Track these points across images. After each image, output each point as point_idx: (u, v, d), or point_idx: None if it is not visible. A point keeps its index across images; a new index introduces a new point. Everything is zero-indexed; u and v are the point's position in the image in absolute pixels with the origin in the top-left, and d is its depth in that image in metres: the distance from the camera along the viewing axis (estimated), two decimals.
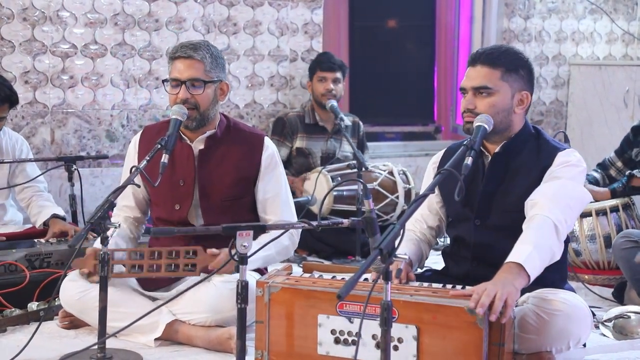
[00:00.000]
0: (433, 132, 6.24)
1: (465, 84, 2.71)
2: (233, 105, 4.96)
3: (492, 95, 2.67)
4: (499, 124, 2.68)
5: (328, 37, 5.52)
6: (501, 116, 2.68)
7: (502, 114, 2.68)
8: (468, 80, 2.71)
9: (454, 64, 6.18)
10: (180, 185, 3.03)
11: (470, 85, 2.69)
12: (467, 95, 2.70)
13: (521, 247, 2.44)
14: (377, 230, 2.51)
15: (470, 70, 2.72)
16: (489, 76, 2.67)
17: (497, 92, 2.67)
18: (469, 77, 2.71)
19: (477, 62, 2.70)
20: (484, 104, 2.67)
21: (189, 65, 2.95)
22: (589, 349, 2.84)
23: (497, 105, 2.67)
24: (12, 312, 3.07)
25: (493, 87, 2.66)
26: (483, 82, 2.67)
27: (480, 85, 2.67)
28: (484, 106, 2.67)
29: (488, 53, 2.71)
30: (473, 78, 2.69)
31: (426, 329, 2.34)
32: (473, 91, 2.69)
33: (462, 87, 2.73)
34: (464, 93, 2.72)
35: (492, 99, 2.67)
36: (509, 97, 2.69)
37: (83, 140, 4.56)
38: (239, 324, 2.30)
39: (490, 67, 2.68)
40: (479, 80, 2.68)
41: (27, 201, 3.75)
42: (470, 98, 2.69)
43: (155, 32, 4.68)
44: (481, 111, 2.66)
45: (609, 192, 3.89)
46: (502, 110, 2.68)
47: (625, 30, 6.15)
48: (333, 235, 4.28)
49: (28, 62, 4.38)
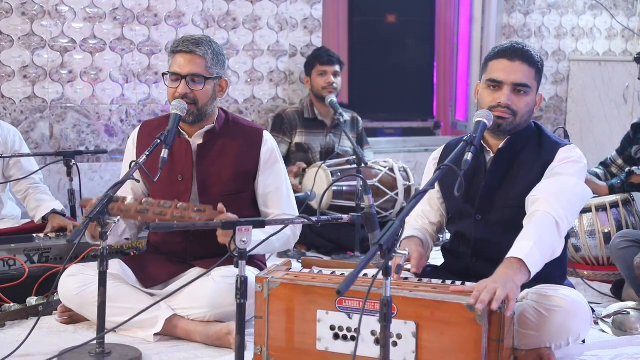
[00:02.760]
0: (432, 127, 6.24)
1: (504, 78, 2.63)
2: (232, 101, 4.95)
3: (528, 94, 2.66)
4: (524, 122, 2.69)
5: (327, 33, 5.52)
6: (528, 115, 2.69)
7: (529, 113, 2.69)
8: (506, 74, 2.63)
9: (453, 60, 6.17)
10: (179, 180, 3.02)
11: (511, 80, 2.62)
12: (503, 89, 2.63)
13: (522, 243, 2.44)
14: (377, 226, 2.51)
15: (507, 64, 2.64)
16: (528, 74, 2.64)
17: (532, 91, 2.67)
18: (508, 72, 2.63)
19: (516, 57, 2.64)
20: (522, 102, 2.64)
21: (190, 60, 2.93)
22: (588, 345, 2.84)
23: (529, 105, 2.67)
24: (10, 307, 3.06)
25: (531, 86, 2.65)
26: (524, 80, 2.63)
27: (522, 83, 2.63)
28: (521, 104, 2.64)
29: (525, 50, 2.66)
30: (514, 73, 2.62)
31: (425, 325, 2.33)
32: (512, 87, 2.63)
33: (497, 79, 2.64)
34: (495, 86, 2.65)
35: (528, 98, 2.66)
36: (535, 97, 2.69)
37: (82, 135, 4.55)
38: (238, 320, 2.30)
39: (529, 65, 2.65)
40: (520, 76, 2.62)
41: (23, 193, 3.74)
42: (509, 94, 2.63)
43: (155, 27, 4.67)
44: (518, 109, 2.64)
45: (607, 187, 3.89)
46: (530, 110, 2.69)
47: (625, 26, 6.14)
48: (333, 230, 4.28)
49: (27, 56, 4.37)
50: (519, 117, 2.65)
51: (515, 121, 2.66)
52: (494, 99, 2.64)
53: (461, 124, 6.07)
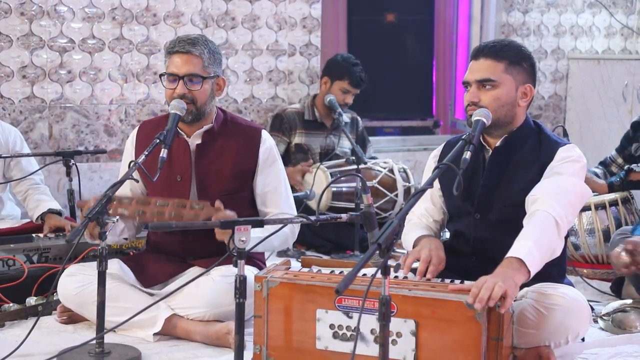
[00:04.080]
0: (432, 126, 6.24)
1: (469, 78, 2.68)
2: (231, 100, 4.95)
3: (496, 87, 2.65)
4: (503, 117, 2.67)
5: (326, 32, 5.51)
6: (505, 109, 2.66)
7: (506, 107, 2.66)
8: (471, 73, 2.68)
9: (452, 59, 6.17)
10: (178, 180, 3.02)
11: (474, 78, 2.67)
12: (471, 88, 2.67)
13: (522, 243, 2.43)
14: (376, 225, 2.51)
15: (473, 64, 2.70)
16: (493, 69, 2.65)
17: (502, 84, 2.65)
18: (472, 70, 2.68)
19: (480, 55, 2.68)
20: (488, 96, 2.65)
21: (186, 61, 2.93)
22: (587, 343, 2.84)
23: (501, 98, 2.65)
24: (10, 307, 3.06)
25: (497, 79, 2.65)
26: (487, 75, 2.65)
27: (484, 78, 2.65)
28: (488, 99, 2.64)
29: (491, 46, 2.69)
30: (476, 71, 2.67)
31: (425, 324, 2.33)
32: (477, 84, 2.66)
33: (465, 80, 2.70)
34: (466, 87, 2.70)
35: (496, 91, 2.65)
36: (513, 90, 2.67)
37: (81, 135, 4.55)
38: (237, 319, 2.30)
39: (494, 60, 2.66)
40: (482, 72, 2.66)
41: (23, 194, 3.74)
42: (474, 91, 2.66)
43: (153, 27, 4.67)
44: (485, 104, 2.64)
45: (607, 185, 3.88)
46: (506, 104, 2.66)
47: (624, 24, 6.14)
48: (332, 230, 4.28)
49: (26, 56, 4.37)
50: (492, 112, 2.64)
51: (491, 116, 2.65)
52: (467, 99, 2.68)
53: (460, 122, 6.07)
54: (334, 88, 4.68)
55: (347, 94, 4.70)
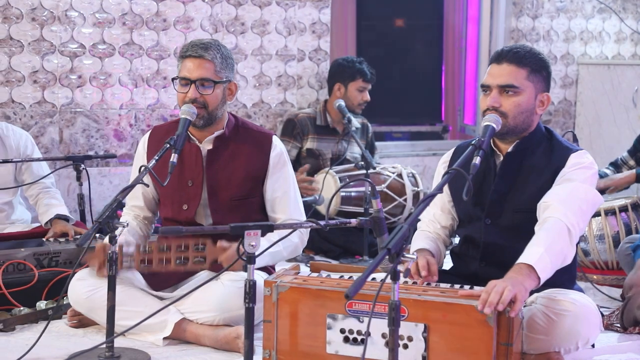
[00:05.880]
0: (441, 131, 6.23)
1: (490, 82, 2.66)
2: (241, 105, 4.96)
3: (518, 94, 2.64)
4: (521, 123, 2.66)
5: (336, 37, 5.52)
6: (524, 116, 2.65)
7: (525, 114, 2.65)
8: (493, 77, 2.65)
9: (461, 64, 6.17)
10: (189, 185, 3.03)
11: (496, 82, 2.64)
12: (492, 93, 2.65)
13: (533, 249, 2.43)
14: (385, 230, 2.51)
15: (495, 68, 2.67)
16: (516, 75, 2.63)
17: (523, 91, 2.64)
18: (494, 75, 2.65)
19: (503, 60, 2.65)
20: (510, 103, 2.63)
21: (199, 65, 2.95)
22: (597, 349, 2.83)
23: (521, 105, 2.64)
24: (20, 310, 3.08)
25: (520, 86, 2.63)
26: (510, 81, 2.63)
27: (507, 84, 2.63)
28: (510, 105, 2.63)
29: (515, 51, 2.66)
30: (499, 76, 2.64)
31: (436, 327, 2.33)
32: (499, 89, 2.64)
33: (485, 84, 2.67)
34: (486, 91, 2.67)
35: (518, 98, 2.64)
36: (533, 97, 2.66)
37: (91, 139, 4.57)
38: (247, 323, 2.31)
39: (517, 66, 2.64)
40: (505, 78, 2.63)
41: (34, 198, 3.76)
42: (496, 96, 2.64)
43: (163, 32, 4.69)
44: (506, 110, 2.62)
45: (635, 174, 3.87)
46: (525, 110, 2.65)
47: (634, 30, 6.12)
48: (341, 235, 4.28)
49: (37, 61, 4.40)
50: (511, 119, 2.63)
51: (509, 123, 2.64)
52: (485, 104, 2.66)
53: (469, 128, 6.06)
54: (350, 90, 4.70)
55: (363, 92, 4.73)
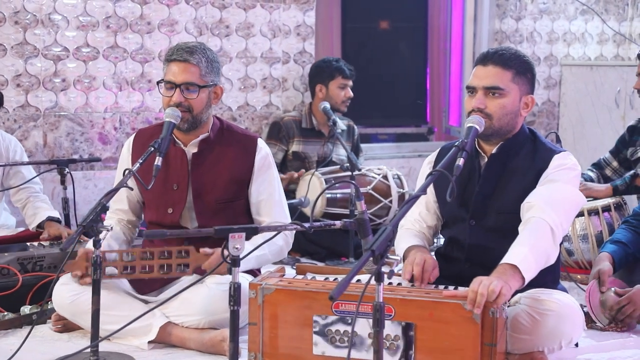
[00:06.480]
0: (426, 133, 6.25)
1: (476, 83, 2.67)
2: (226, 108, 4.96)
3: (503, 96, 2.65)
4: (505, 125, 2.67)
5: (321, 39, 5.52)
6: (508, 118, 2.67)
7: (509, 116, 2.67)
8: (478, 79, 2.67)
9: (446, 65, 6.19)
10: (174, 189, 3.02)
11: (482, 84, 2.65)
12: (477, 94, 2.66)
13: (517, 249, 2.45)
14: (370, 232, 2.51)
15: (480, 70, 2.68)
16: (501, 77, 2.64)
17: (508, 93, 2.65)
18: (479, 76, 2.67)
19: (489, 61, 2.66)
20: (495, 104, 2.64)
21: (184, 69, 2.94)
22: (580, 348, 2.85)
23: (506, 107, 2.65)
24: (4, 315, 3.06)
25: (505, 88, 2.64)
26: (495, 83, 2.64)
27: (493, 86, 2.64)
28: (495, 107, 2.64)
29: (500, 54, 2.68)
30: (484, 77, 2.65)
31: (423, 326, 2.35)
32: (484, 91, 2.65)
33: (470, 85, 2.68)
34: (471, 92, 2.68)
35: (503, 100, 2.65)
36: (518, 99, 2.68)
37: (75, 143, 4.55)
38: (232, 326, 2.30)
39: (502, 68, 2.65)
40: (491, 79, 2.64)
41: (23, 202, 3.74)
42: (481, 97, 2.65)
43: (148, 35, 4.68)
44: (491, 112, 2.63)
45: (611, 188, 3.89)
46: (510, 112, 2.66)
47: (616, 31, 6.17)
48: (326, 237, 4.28)
49: (20, 65, 4.38)
50: (496, 120, 2.65)
51: (494, 124, 2.65)
52: (471, 105, 2.67)
53: (454, 129, 6.08)
54: (331, 89, 4.71)
55: (345, 89, 4.74)
